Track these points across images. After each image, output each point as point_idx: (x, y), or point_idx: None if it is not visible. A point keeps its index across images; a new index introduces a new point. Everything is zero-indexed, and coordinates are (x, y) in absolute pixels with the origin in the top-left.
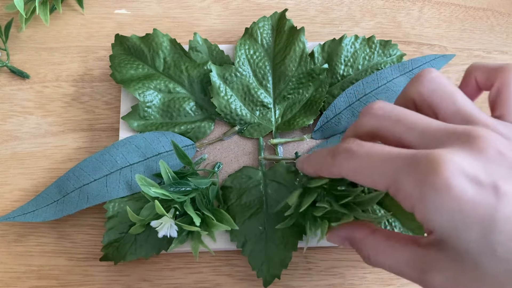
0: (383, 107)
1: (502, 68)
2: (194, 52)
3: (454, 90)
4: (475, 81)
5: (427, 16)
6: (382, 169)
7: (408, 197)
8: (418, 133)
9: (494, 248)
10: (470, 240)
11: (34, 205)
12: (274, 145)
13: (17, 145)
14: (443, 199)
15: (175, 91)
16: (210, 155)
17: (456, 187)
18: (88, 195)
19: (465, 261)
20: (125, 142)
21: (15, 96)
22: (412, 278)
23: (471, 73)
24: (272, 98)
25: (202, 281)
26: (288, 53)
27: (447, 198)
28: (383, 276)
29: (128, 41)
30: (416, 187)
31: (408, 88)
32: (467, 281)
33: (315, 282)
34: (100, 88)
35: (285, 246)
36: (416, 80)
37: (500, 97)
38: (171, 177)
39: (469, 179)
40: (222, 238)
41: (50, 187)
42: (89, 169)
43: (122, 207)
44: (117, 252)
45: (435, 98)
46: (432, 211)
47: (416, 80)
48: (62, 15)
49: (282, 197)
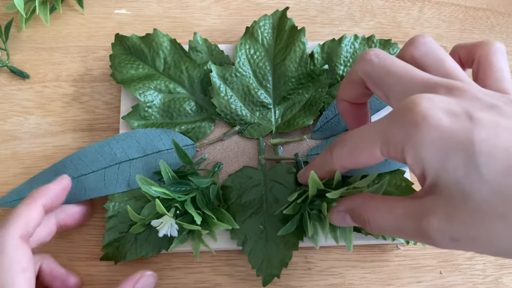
0: (378, 54)
1: (481, 43)
2: (194, 52)
3: (445, 54)
4: (459, 59)
5: (427, 16)
6: (370, 137)
7: (398, 145)
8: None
9: (479, 171)
10: (455, 168)
11: (29, 189)
12: (274, 145)
13: (17, 145)
14: (423, 131)
15: (175, 91)
16: (210, 155)
17: (432, 116)
18: (86, 187)
19: (456, 195)
20: (126, 136)
21: (15, 96)
22: (411, 231)
23: (455, 52)
24: (272, 99)
25: (202, 281)
26: (289, 53)
27: (427, 128)
28: (383, 276)
29: (128, 41)
30: (401, 131)
31: (403, 50)
32: (462, 216)
33: (315, 282)
34: (100, 88)
35: (285, 245)
36: (411, 43)
37: (480, 69)
38: (171, 177)
39: (444, 111)
40: (222, 237)
41: (46, 171)
42: (87, 160)
43: (122, 206)
44: (117, 252)
45: (427, 60)
46: (418, 147)
47: (410, 43)
48: (62, 15)
49: (282, 197)
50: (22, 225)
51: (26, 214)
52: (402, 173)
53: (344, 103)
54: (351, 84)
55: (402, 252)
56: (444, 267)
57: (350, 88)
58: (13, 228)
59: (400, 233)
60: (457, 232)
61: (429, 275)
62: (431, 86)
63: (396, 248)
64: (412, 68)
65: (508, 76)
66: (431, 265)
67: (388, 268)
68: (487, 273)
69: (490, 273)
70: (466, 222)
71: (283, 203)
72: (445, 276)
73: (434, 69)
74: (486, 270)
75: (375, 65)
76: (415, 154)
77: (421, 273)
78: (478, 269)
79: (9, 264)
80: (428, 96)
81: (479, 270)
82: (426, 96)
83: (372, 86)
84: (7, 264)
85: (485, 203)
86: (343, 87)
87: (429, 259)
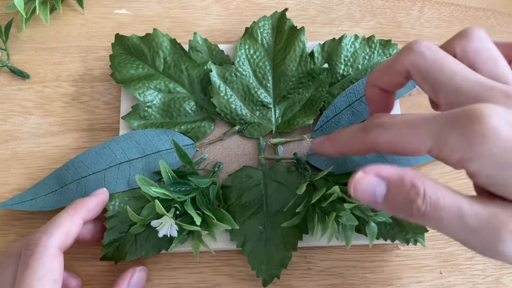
0: (430, 47)
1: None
2: (194, 52)
3: (498, 53)
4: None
5: (427, 16)
6: (421, 132)
7: (456, 151)
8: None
9: None
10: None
11: (32, 193)
12: (274, 144)
13: (17, 145)
14: (493, 142)
15: (175, 91)
16: (210, 154)
17: (503, 131)
18: (86, 188)
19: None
20: (125, 137)
21: (15, 96)
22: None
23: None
24: (272, 98)
25: (202, 281)
26: (288, 52)
27: (497, 141)
28: (383, 276)
29: (128, 40)
30: (463, 139)
31: (453, 41)
32: None
33: (315, 282)
34: (100, 88)
35: (285, 246)
36: (464, 36)
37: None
38: (171, 177)
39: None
40: (222, 237)
41: (49, 176)
42: (88, 162)
43: (122, 206)
44: (117, 252)
45: (479, 58)
46: (485, 158)
47: (463, 36)
48: (62, 15)
49: (282, 196)
50: (63, 236)
51: (68, 225)
52: None
53: (375, 89)
54: (391, 72)
55: (402, 252)
56: (444, 267)
57: (388, 76)
58: (54, 238)
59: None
60: None
61: (429, 275)
62: (486, 90)
63: (396, 248)
64: (465, 67)
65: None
66: (431, 265)
67: (388, 268)
68: (487, 273)
69: (490, 273)
70: None
71: (283, 203)
72: (445, 276)
73: (485, 69)
74: (486, 270)
75: (427, 58)
76: (482, 164)
77: (421, 273)
78: (478, 269)
79: (44, 272)
80: (495, 108)
81: (479, 270)
82: (493, 108)
83: (419, 79)
84: (42, 272)
85: None
86: (380, 73)
87: (429, 259)
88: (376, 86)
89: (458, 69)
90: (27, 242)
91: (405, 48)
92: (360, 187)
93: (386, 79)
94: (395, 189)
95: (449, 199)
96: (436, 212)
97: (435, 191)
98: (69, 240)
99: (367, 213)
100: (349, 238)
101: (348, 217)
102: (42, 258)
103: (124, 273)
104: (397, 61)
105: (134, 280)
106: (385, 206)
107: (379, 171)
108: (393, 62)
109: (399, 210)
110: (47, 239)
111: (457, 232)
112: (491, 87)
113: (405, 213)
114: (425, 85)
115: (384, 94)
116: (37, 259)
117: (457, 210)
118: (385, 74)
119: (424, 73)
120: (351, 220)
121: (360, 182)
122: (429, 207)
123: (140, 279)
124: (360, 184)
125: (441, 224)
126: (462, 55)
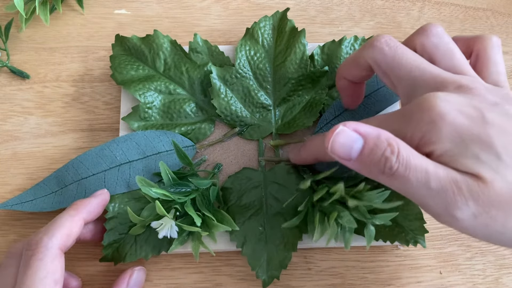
0: (389, 43)
1: (479, 37)
2: (194, 53)
3: (454, 47)
4: None
5: (427, 16)
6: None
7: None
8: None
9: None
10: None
11: (32, 194)
12: (274, 146)
13: (17, 145)
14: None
15: (175, 92)
16: (210, 156)
17: (448, 115)
18: (86, 189)
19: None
20: (126, 138)
21: (15, 96)
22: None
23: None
24: (272, 100)
25: (202, 281)
26: (289, 55)
27: (445, 126)
28: (383, 276)
29: (128, 41)
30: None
31: (413, 36)
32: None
33: (315, 282)
34: (100, 88)
35: (284, 247)
36: (422, 32)
37: (478, 62)
38: (171, 178)
39: (459, 111)
40: (222, 238)
41: (49, 177)
42: (88, 163)
43: (122, 207)
44: (117, 253)
45: (437, 52)
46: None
47: (422, 31)
48: (62, 15)
49: (282, 198)
50: (64, 237)
51: (69, 226)
52: None
53: (344, 81)
54: (355, 66)
55: (402, 252)
56: (444, 267)
57: (353, 69)
58: (55, 239)
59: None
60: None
61: (429, 275)
62: (440, 81)
63: (396, 248)
64: (423, 61)
65: (503, 70)
66: (431, 265)
67: (388, 268)
68: (487, 273)
69: (490, 273)
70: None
71: (282, 204)
72: (445, 276)
73: (443, 62)
74: (486, 270)
75: (386, 54)
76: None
77: (421, 273)
78: (478, 269)
79: (45, 273)
80: (442, 96)
81: (479, 270)
82: (441, 96)
83: (380, 73)
84: (43, 273)
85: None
86: (346, 66)
87: (429, 259)
88: (345, 78)
89: (415, 64)
90: (28, 242)
91: (366, 44)
92: (339, 140)
93: (351, 72)
94: (371, 146)
95: (418, 161)
96: (406, 172)
97: (407, 151)
98: (70, 241)
99: (366, 216)
100: (348, 240)
101: (348, 219)
102: (43, 258)
103: (122, 274)
104: (360, 56)
105: (133, 281)
106: (357, 163)
107: (357, 127)
108: (356, 57)
109: (370, 168)
110: (48, 239)
111: (419, 193)
112: (444, 78)
113: (376, 171)
114: (385, 79)
115: (353, 85)
116: (38, 259)
117: (424, 172)
118: (350, 68)
119: (383, 68)
120: (350, 223)
121: (340, 135)
122: (400, 167)
123: (139, 280)
124: (340, 137)
125: (407, 184)
126: (422, 50)
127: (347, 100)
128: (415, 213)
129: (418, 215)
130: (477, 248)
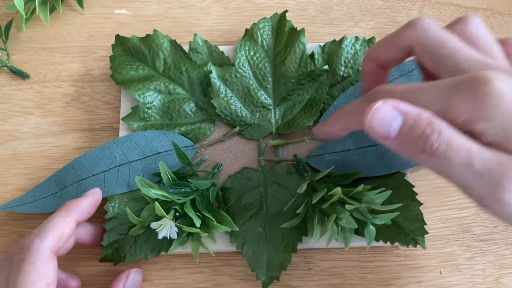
0: (432, 23)
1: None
2: (194, 53)
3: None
4: None
5: (427, 16)
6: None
7: (462, 112)
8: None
9: None
10: None
11: (32, 196)
12: (274, 146)
13: (17, 145)
14: (499, 104)
15: (175, 92)
16: (210, 156)
17: (508, 93)
18: (86, 190)
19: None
20: (125, 139)
21: (15, 96)
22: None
23: None
24: (272, 100)
25: (202, 281)
26: (288, 54)
27: (502, 102)
28: (383, 276)
29: (128, 42)
30: (470, 101)
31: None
32: None
33: (315, 282)
34: (100, 88)
35: (284, 248)
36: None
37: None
38: (171, 179)
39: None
40: (222, 239)
41: (49, 179)
42: (88, 164)
43: (122, 208)
44: (116, 254)
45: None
46: (490, 117)
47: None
48: (62, 15)
49: (282, 198)
50: (56, 239)
51: (60, 227)
52: (403, 176)
53: (372, 64)
54: (392, 47)
55: (402, 252)
56: (444, 267)
57: (389, 50)
58: (46, 241)
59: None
60: None
61: (429, 275)
62: (486, 66)
63: (396, 249)
64: (466, 45)
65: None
66: (431, 265)
67: (388, 268)
68: (487, 273)
69: (490, 273)
70: None
71: (282, 205)
72: (445, 276)
73: (483, 52)
74: (486, 270)
75: (430, 33)
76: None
77: (421, 273)
78: (478, 269)
79: (37, 276)
80: (500, 75)
81: (479, 270)
82: (498, 74)
83: (422, 53)
84: (35, 276)
85: None
86: (380, 48)
87: (429, 259)
88: (374, 61)
89: (459, 46)
90: (20, 246)
91: (408, 24)
92: (377, 116)
93: (386, 54)
94: (411, 123)
95: (461, 140)
96: (447, 152)
97: (449, 131)
98: (61, 243)
99: (366, 216)
100: (348, 240)
101: (348, 220)
102: (35, 262)
103: (119, 275)
104: (401, 36)
105: (130, 282)
106: (396, 141)
107: (397, 104)
108: (395, 38)
109: (410, 147)
110: (40, 242)
111: (462, 174)
112: (489, 64)
113: (416, 150)
114: (428, 59)
115: (380, 70)
116: (30, 263)
117: (467, 152)
118: (386, 49)
119: (427, 47)
120: (351, 223)
121: (379, 110)
122: (442, 145)
123: (135, 281)
124: (379, 113)
125: (449, 165)
126: (461, 38)
127: (368, 86)
128: (415, 214)
129: (418, 216)
130: (477, 248)
